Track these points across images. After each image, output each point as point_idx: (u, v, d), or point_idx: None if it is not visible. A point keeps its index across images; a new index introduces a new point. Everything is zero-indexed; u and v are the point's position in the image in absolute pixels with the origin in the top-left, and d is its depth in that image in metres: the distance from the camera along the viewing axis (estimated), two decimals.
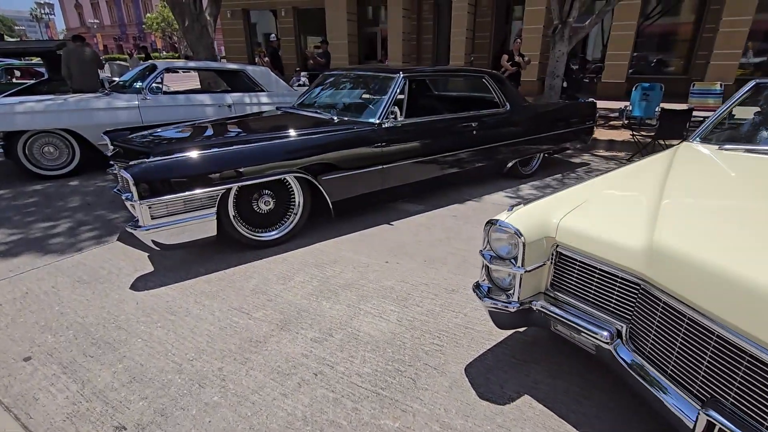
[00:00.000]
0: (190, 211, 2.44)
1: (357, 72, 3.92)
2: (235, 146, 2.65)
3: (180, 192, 2.36)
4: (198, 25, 11.65)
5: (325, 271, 2.58)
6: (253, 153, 2.67)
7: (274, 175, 2.72)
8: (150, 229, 2.33)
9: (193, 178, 2.41)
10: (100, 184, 4.49)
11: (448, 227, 3.30)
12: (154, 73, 5.19)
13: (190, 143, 2.74)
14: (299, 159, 2.82)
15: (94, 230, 3.22)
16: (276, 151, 2.76)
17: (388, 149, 3.26)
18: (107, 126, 4.71)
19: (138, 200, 2.25)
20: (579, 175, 4.91)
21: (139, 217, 2.30)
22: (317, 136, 2.97)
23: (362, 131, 3.16)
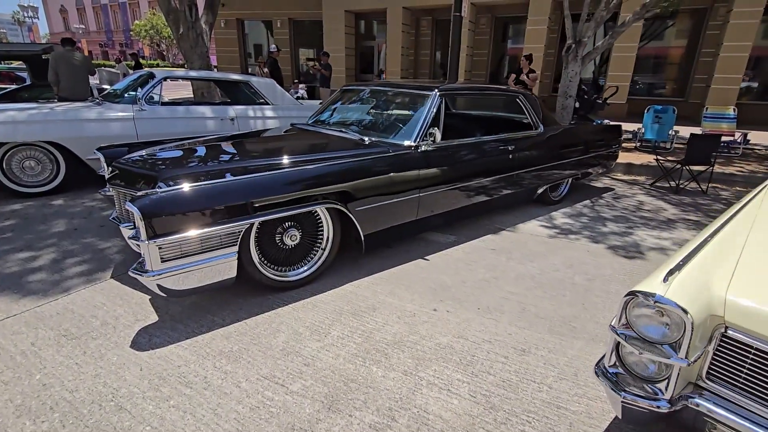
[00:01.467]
0: (207, 251, 2.01)
1: (383, 87, 3.58)
2: (262, 172, 2.25)
3: (197, 229, 1.94)
4: (193, 33, 11.24)
5: (365, 323, 2.18)
6: (283, 180, 2.27)
7: (306, 206, 2.33)
8: (160, 275, 1.89)
9: (214, 211, 1.99)
10: (87, 204, 4.00)
11: (490, 264, 2.94)
12: (152, 82, 4.76)
13: (206, 167, 2.33)
14: (332, 186, 2.43)
15: (83, 264, 2.75)
16: (309, 177, 2.36)
17: (425, 175, 2.90)
18: (98, 139, 4.27)
19: (147, 239, 1.82)
20: (608, 201, 4.64)
21: (146, 259, 1.87)
22: (351, 161, 2.59)
23: (399, 155, 2.80)
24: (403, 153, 2.83)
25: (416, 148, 2.90)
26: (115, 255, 2.91)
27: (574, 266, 2.94)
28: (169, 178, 2.21)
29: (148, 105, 4.71)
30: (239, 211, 2.07)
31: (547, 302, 2.45)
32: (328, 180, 2.43)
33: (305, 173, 2.38)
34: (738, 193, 5.24)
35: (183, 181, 2.15)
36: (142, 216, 1.80)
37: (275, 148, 2.99)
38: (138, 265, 1.95)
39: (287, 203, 2.25)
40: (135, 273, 1.91)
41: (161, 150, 2.77)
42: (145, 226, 1.81)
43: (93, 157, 4.28)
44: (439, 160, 3.01)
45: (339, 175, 2.48)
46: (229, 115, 5.23)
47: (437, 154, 3.00)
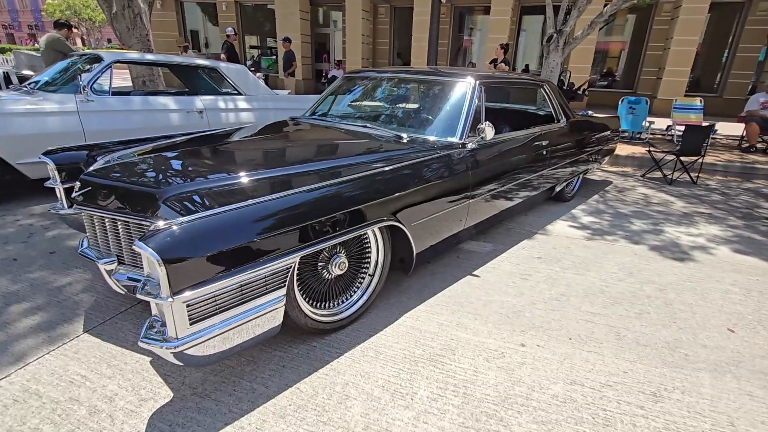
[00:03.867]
0: (249, 299, 1.43)
1: (401, 75, 3.06)
2: (307, 186, 1.68)
3: (235, 271, 1.35)
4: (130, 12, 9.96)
5: (451, 372, 1.71)
6: (338, 194, 1.72)
7: (365, 225, 1.80)
8: (188, 342, 1.29)
9: (257, 244, 1.41)
10: (23, 223, 3.11)
11: (548, 277, 2.58)
12: (99, 66, 3.86)
13: (222, 179, 1.71)
14: (391, 197, 1.91)
15: (37, 313, 2.01)
16: (366, 189, 1.83)
17: (475, 177, 2.46)
18: (31, 138, 3.37)
19: (170, 296, 1.22)
20: (615, 195, 4.50)
21: (168, 322, 1.26)
22: (404, 165, 2.08)
23: (449, 155, 2.33)
24: (452, 153, 2.36)
25: (463, 146, 2.46)
26: (81, 295, 2.18)
27: (634, 274, 2.67)
28: (175, 197, 1.58)
29: (96, 95, 3.81)
30: (289, 241, 1.50)
31: (636, 323, 2.13)
32: (387, 190, 1.91)
33: (362, 184, 1.84)
34: (724, 182, 5.38)
35: (199, 201, 1.54)
36: (162, 262, 1.19)
37: (297, 150, 2.38)
38: (152, 330, 1.32)
39: (343, 224, 1.71)
40: (150, 343, 1.28)
41: (142, 155, 2.08)
42: (168, 276, 1.20)
43: (25, 161, 3.39)
44: (486, 160, 2.58)
45: (396, 184, 1.97)
46: (197, 107, 4.44)
47: (484, 153, 2.58)
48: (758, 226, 3.70)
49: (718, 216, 3.94)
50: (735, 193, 4.86)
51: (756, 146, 6.53)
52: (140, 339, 1.30)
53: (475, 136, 2.52)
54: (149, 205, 1.61)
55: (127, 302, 2.12)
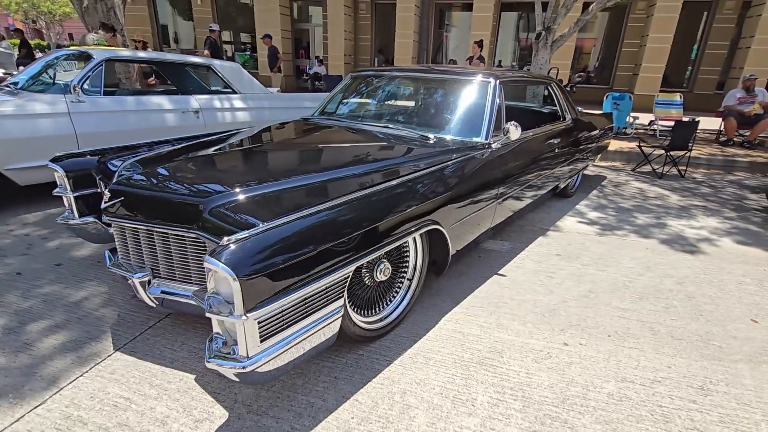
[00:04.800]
0: (312, 312, 1.38)
1: (418, 74, 3.02)
2: (363, 191, 1.63)
3: (301, 284, 1.29)
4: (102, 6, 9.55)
5: (505, 375, 1.71)
6: (392, 199, 1.68)
7: (414, 230, 1.76)
8: (259, 360, 1.23)
9: (321, 254, 1.35)
10: (18, 233, 2.92)
11: (572, 274, 2.62)
12: (90, 64, 3.65)
13: (264, 185, 1.64)
14: (432, 201, 1.89)
15: (58, 332, 1.88)
16: (415, 193, 1.79)
17: (501, 176, 2.47)
18: (19, 142, 3.16)
19: (244, 314, 1.15)
20: (612, 190, 4.62)
21: (239, 341, 1.19)
22: (441, 166, 2.05)
23: (478, 155, 2.32)
24: (480, 153, 2.35)
25: (488, 146, 2.45)
26: (102, 310, 2.05)
27: (651, 268, 2.75)
28: (222, 206, 1.50)
29: (87, 96, 3.61)
30: (350, 248, 1.45)
31: (666, 317, 2.19)
32: (431, 193, 1.88)
33: (412, 187, 1.80)
34: (709, 174, 5.61)
35: (252, 210, 1.47)
36: (237, 278, 1.12)
37: (332, 153, 2.25)
38: (217, 351, 1.25)
39: (396, 228, 1.67)
40: (221, 364, 1.21)
41: (170, 161, 1.97)
42: (243, 293, 1.13)
43: (14, 167, 3.18)
44: (510, 159, 2.59)
45: (438, 186, 1.94)
46: (192, 107, 4.27)
47: (507, 152, 2.58)
48: (751, 217, 3.87)
49: (712, 208, 4.10)
50: (721, 185, 5.08)
51: (733, 140, 6.84)
52: (207, 359, 1.23)
53: (498, 135, 2.53)
54: (192, 216, 1.52)
55: (154, 316, 2.01)
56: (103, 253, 2.61)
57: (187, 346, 1.81)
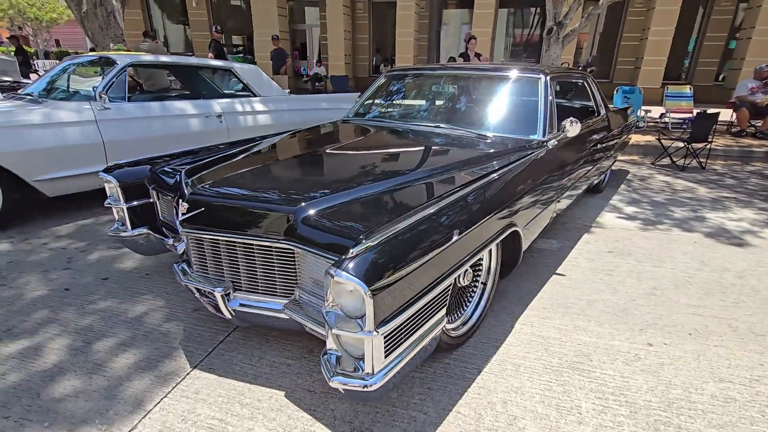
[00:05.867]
0: (423, 323, 1.32)
1: (461, 72, 2.96)
2: (456, 194, 1.57)
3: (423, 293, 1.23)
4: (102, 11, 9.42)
5: (600, 380, 1.66)
6: (487, 201, 1.63)
7: (504, 231, 1.71)
8: (384, 376, 1.16)
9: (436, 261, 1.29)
10: (54, 246, 2.81)
11: (630, 272, 2.58)
12: (114, 71, 3.54)
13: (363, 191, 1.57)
14: (516, 202, 1.83)
15: (125, 350, 1.79)
16: (502, 194, 1.74)
17: (559, 174, 2.42)
18: (48, 152, 3.05)
19: (374, 329, 1.09)
20: (639, 184, 4.61)
21: (366, 358, 1.13)
22: (515, 166, 1.99)
23: (538, 154, 2.27)
24: (541, 151, 2.30)
25: (545, 143, 2.40)
26: (166, 325, 1.97)
27: (706, 263, 2.72)
28: (317, 214, 1.43)
29: (113, 102, 3.50)
30: (457, 254, 1.39)
31: (739, 313, 2.15)
32: (513, 193, 1.83)
33: (500, 187, 1.75)
34: (728, 166, 5.62)
35: (351, 217, 1.40)
36: (370, 292, 1.05)
37: (401, 155, 2.15)
38: (337, 368, 1.18)
39: (491, 230, 1.61)
40: (343, 382, 1.14)
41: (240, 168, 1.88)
42: (375, 307, 1.07)
43: (43, 178, 3.07)
44: (565, 156, 2.54)
45: (516, 186, 1.89)
46: (215, 111, 4.18)
47: (562, 149, 2.53)
48: None
49: (743, 200, 4.09)
50: (744, 176, 5.09)
51: (746, 131, 6.87)
52: (331, 378, 1.16)
53: (553, 132, 2.48)
54: (282, 225, 1.45)
55: (221, 330, 1.94)
56: (152, 265, 2.53)
57: (266, 361, 1.74)
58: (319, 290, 1.49)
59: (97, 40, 9.08)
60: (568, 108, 4.16)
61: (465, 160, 1.99)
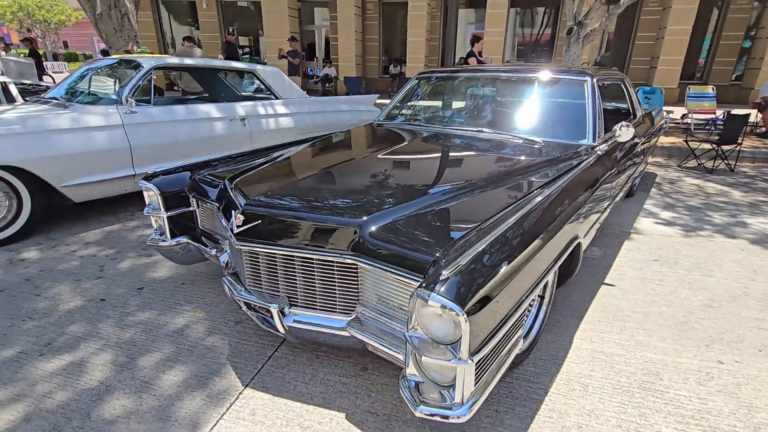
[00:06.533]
0: (507, 343, 1.23)
1: (497, 74, 2.87)
2: (529, 204, 1.49)
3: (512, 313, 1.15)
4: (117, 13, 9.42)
5: (676, 402, 1.56)
6: (562, 211, 1.55)
7: (574, 241, 1.63)
8: (474, 405, 1.08)
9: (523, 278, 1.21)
10: (84, 254, 2.75)
11: (681, 282, 2.48)
12: (139, 74, 3.48)
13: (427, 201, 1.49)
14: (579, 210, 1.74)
15: (174, 366, 1.72)
16: (569, 205, 1.65)
17: (610, 179, 2.32)
18: (77, 157, 3.00)
19: (469, 358, 1.00)
20: (670, 187, 4.49)
21: (457, 386, 1.04)
22: (575, 173, 1.90)
23: (595, 159, 2.18)
24: (593, 156, 2.21)
25: (594, 149, 2.31)
26: (209, 339, 1.90)
27: (758, 272, 2.61)
28: (386, 227, 1.35)
29: (139, 106, 3.44)
30: (540, 267, 1.31)
31: None
32: (580, 201, 1.74)
33: (569, 196, 1.67)
34: (757, 168, 5.49)
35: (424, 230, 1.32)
36: (466, 315, 0.97)
37: (454, 163, 2.03)
38: (420, 396, 1.10)
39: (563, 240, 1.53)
40: (431, 413, 1.06)
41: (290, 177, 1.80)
42: (470, 332, 0.99)
43: (71, 183, 3.02)
44: (613, 161, 2.44)
45: (581, 194, 1.80)
46: (239, 114, 4.11)
47: (611, 154, 2.44)
48: None
49: None
50: None
51: None
52: (418, 408, 1.08)
53: (602, 137, 2.39)
54: (347, 238, 1.37)
55: (268, 345, 1.86)
56: (185, 274, 2.45)
57: (319, 379, 1.66)
58: (384, 308, 1.41)
59: (111, 41, 9.08)
60: (605, 110, 4.06)
61: (525, 167, 1.90)
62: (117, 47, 8.87)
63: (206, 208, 2.15)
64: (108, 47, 8.98)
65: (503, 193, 1.62)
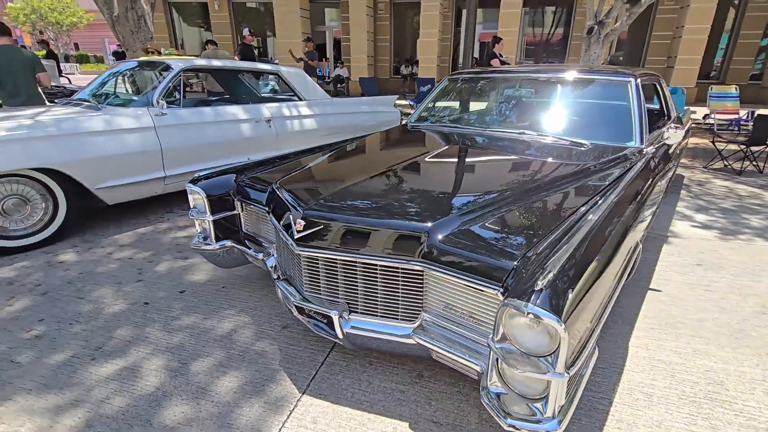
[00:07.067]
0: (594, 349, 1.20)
1: (532, 74, 2.82)
2: (599, 208, 1.45)
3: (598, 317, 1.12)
4: (133, 15, 9.47)
5: (746, 414, 1.51)
6: (626, 212, 1.52)
7: (639, 244, 1.59)
8: (564, 419, 1.05)
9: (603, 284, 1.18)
10: (119, 256, 2.75)
11: (729, 287, 2.42)
12: (169, 76, 3.48)
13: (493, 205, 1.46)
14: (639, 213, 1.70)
15: (227, 372, 1.70)
16: (634, 206, 1.62)
17: (658, 182, 2.27)
18: (111, 160, 3.00)
19: (565, 371, 0.97)
20: (700, 189, 4.41)
21: (550, 400, 1.01)
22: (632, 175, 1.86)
23: (642, 161, 2.13)
24: (643, 159, 2.16)
25: (642, 151, 2.26)
26: (258, 344, 1.88)
27: None
28: (455, 232, 1.32)
29: (169, 108, 3.44)
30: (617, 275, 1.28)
31: None
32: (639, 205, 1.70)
33: (630, 201, 1.63)
34: None
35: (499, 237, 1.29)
36: (564, 329, 0.94)
37: (508, 165, 1.98)
38: (508, 409, 1.07)
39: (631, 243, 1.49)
40: (522, 426, 1.03)
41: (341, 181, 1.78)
42: (568, 345, 0.95)
43: (104, 186, 3.02)
44: (660, 163, 2.40)
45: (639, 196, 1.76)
46: (264, 116, 4.10)
47: (657, 157, 2.39)
48: None
49: None
50: None
51: None
52: (506, 422, 1.05)
53: (649, 139, 2.34)
54: (415, 244, 1.35)
55: (318, 351, 1.84)
56: (225, 277, 2.42)
57: (375, 386, 1.63)
58: (451, 315, 1.38)
59: (128, 43, 9.13)
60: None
61: (581, 170, 1.86)
62: (134, 49, 8.92)
63: (250, 211, 2.14)
64: (125, 49, 9.04)
65: (567, 198, 1.58)
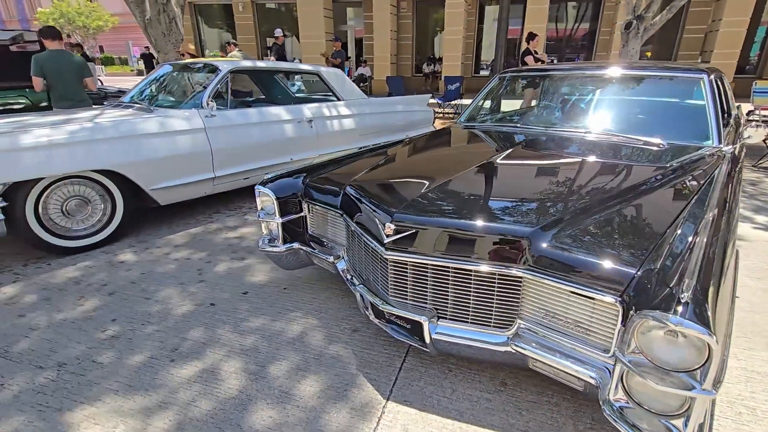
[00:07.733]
0: None
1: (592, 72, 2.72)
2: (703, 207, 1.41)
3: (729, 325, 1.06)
4: (165, 17, 9.60)
5: None
6: (723, 215, 1.48)
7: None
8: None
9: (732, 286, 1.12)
10: (176, 256, 2.78)
11: None
12: (218, 77, 3.51)
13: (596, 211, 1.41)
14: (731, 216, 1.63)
15: (306, 376, 1.69)
16: (727, 209, 1.56)
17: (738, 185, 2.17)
18: (165, 161, 3.04)
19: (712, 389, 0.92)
20: (755, 189, 4.24)
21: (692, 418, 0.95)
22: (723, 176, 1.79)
23: (725, 162, 2.04)
24: (725, 159, 2.07)
25: (721, 151, 2.16)
26: (331, 347, 1.86)
27: None
28: (560, 237, 1.28)
29: (218, 110, 3.47)
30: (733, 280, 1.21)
31: None
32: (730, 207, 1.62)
33: (725, 204, 1.57)
34: None
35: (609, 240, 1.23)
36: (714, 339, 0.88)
37: (587, 167, 1.86)
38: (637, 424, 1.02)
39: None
40: None
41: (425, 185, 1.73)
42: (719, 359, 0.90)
43: (158, 187, 3.06)
44: (736, 164, 2.29)
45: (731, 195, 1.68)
46: (306, 116, 4.10)
47: (735, 158, 2.28)
48: None
49: None
50: None
51: None
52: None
53: (727, 138, 2.24)
54: (515, 250, 1.30)
55: (394, 355, 1.81)
56: (285, 278, 2.39)
57: (460, 394, 1.60)
58: (552, 323, 1.33)
59: (160, 45, 9.28)
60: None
61: (669, 169, 1.78)
62: (165, 51, 9.08)
63: (317, 213, 2.12)
64: (156, 51, 9.21)
65: (665, 200, 1.52)
